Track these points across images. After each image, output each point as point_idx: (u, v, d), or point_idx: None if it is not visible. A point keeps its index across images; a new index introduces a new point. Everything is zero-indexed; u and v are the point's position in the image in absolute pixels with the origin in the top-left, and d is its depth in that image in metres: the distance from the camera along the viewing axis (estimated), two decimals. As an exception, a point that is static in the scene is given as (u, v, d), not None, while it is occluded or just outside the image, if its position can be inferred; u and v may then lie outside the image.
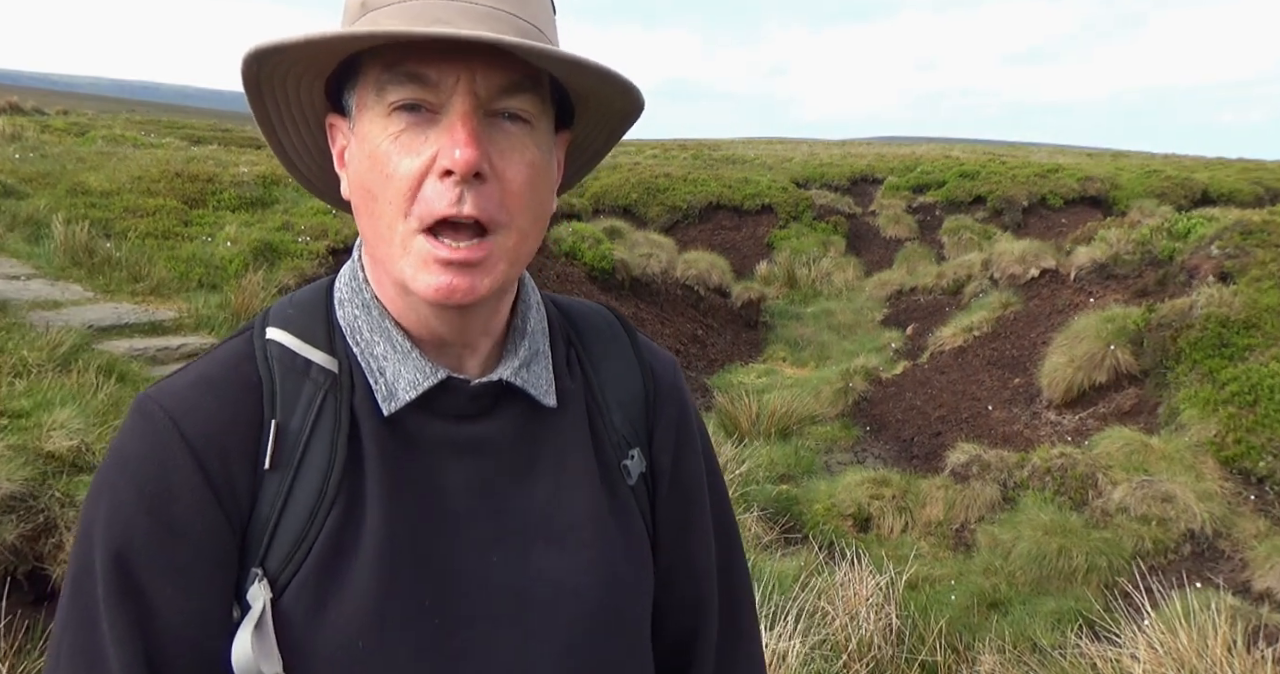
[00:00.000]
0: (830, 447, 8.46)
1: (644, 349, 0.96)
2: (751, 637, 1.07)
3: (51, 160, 10.67)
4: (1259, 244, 8.07)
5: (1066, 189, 17.84)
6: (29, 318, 5.61)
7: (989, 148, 32.33)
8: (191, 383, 0.76)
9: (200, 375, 0.77)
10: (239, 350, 0.79)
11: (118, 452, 0.74)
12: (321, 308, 0.82)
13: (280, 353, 0.78)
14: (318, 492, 0.74)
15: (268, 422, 0.75)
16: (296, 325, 0.80)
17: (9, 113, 18.23)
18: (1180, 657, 3.48)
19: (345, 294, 0.82)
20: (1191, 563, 5.55)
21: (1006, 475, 6.63)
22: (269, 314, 0.82)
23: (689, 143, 30.71)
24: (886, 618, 4.12)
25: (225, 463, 0.73)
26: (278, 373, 0.77)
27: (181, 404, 0.74)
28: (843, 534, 6.31)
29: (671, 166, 19.46)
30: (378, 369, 0.79)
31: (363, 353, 0.79)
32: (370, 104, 0.73)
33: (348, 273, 0.83)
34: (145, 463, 0.72)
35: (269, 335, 0.79)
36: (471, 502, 0.80)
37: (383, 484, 0.76)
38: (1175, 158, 30.12)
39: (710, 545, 0.99)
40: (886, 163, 21.00)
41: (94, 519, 0.72)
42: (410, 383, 0.78)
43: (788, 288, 14.65)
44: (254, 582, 0.73)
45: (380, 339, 0.79)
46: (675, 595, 0.95)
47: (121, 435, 0.75)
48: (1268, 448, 6.15)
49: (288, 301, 0.83)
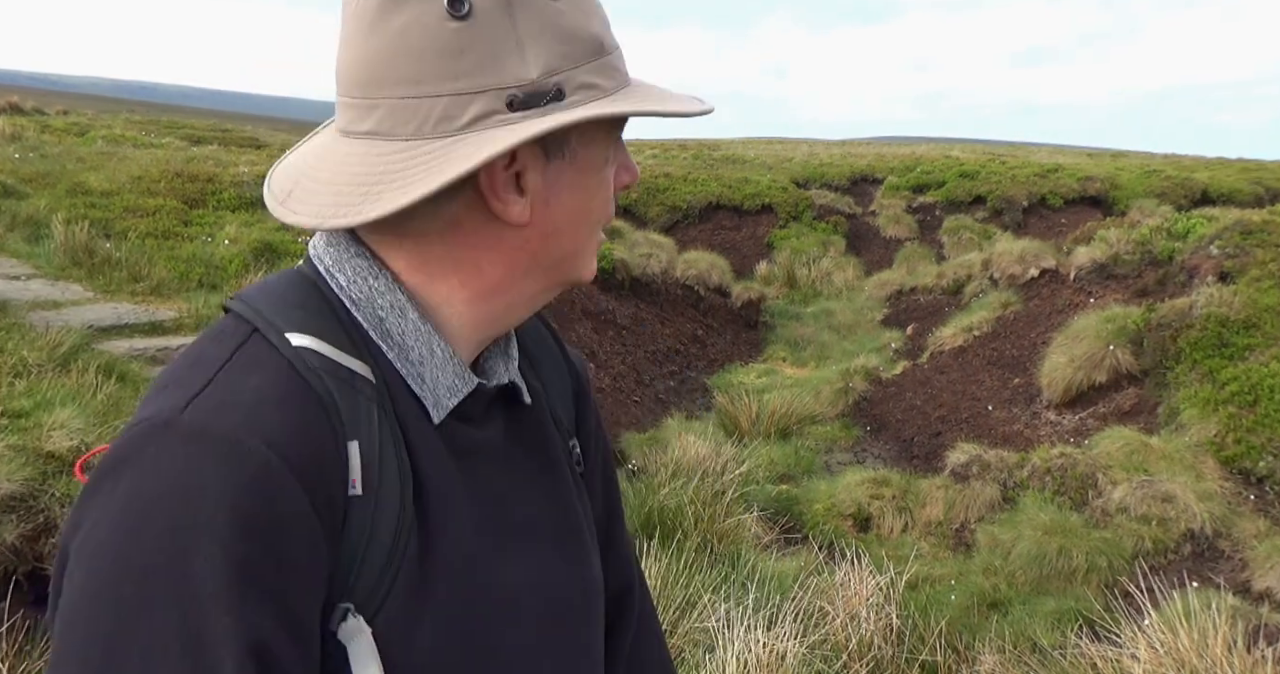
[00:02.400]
0: (830, 447, 8.46)
1: (565, 345, 1.02)
2: (655, 616, 1.13)
3: (51, 160, 10.67)
4: (1259, 244, 8.07)
5: (1066, 189, 17.84)
6: (29, 318, 5.61)
7: (989, 148, 32.33)
8: (255, 402, 0.66)
9: (259, 394, 0.67)
10: (274, 362, 0.70)
11: (194, 488, 0.61)
12: (326, 308, 0.75)
13: (322, 363, 0.70)
14: (397, 514, 0.71)
15: (344, 441, 0.69)
16: (318, 330, 0.72)
17: (9, 113, 18.22)
18: (1180, 657, 3.48)
19: (359, 294, 0.75)
20: (1191, 563, 5.55)
21: (1006, 475, 6.63)
22: (266, 315, 0.72)
23: (689, 143, 30.71)
24: (886, 618, 4.12)
25: (326, 489, 0.67)
26: (333, 387, 0.70)
27: (266, 427, 0.65)
28: (843, 534, 6.31)
29: (671, 166, 19.47)
30: (417, 375, 0.76)
31: (396, 357, 0.75)
32: (601, 139, 0.77)
33: (348, 270, 0.75)
34: (246, 495, 0.62)
35: (299, 342, 0.70)
36: (508, 506, 0.82)
37: (446, 497, 0.76)
38: (1175, 158, 30.12)
39: (627, 531, 1.06)
40: (886, 163, 21.00)
41: (180, 576, 0.60)
42: (450, 388, 0.77)
43: (788, 288, 14.65)
44: (344, 618, 0.68)
45: (417, 343, 0.76)
46: (609, 584, 0.97)
47: (185, 468, 0.62)
48: (1268, 448, 6.15)
49: (278, 301, 0.74)
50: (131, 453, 0.64)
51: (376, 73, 0.69)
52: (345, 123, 0.72)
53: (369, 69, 0.69)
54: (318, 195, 0.71)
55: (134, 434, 0.65)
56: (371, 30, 0.68)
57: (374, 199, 0.68)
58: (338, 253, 0.77)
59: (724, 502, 5.60)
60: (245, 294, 0.77)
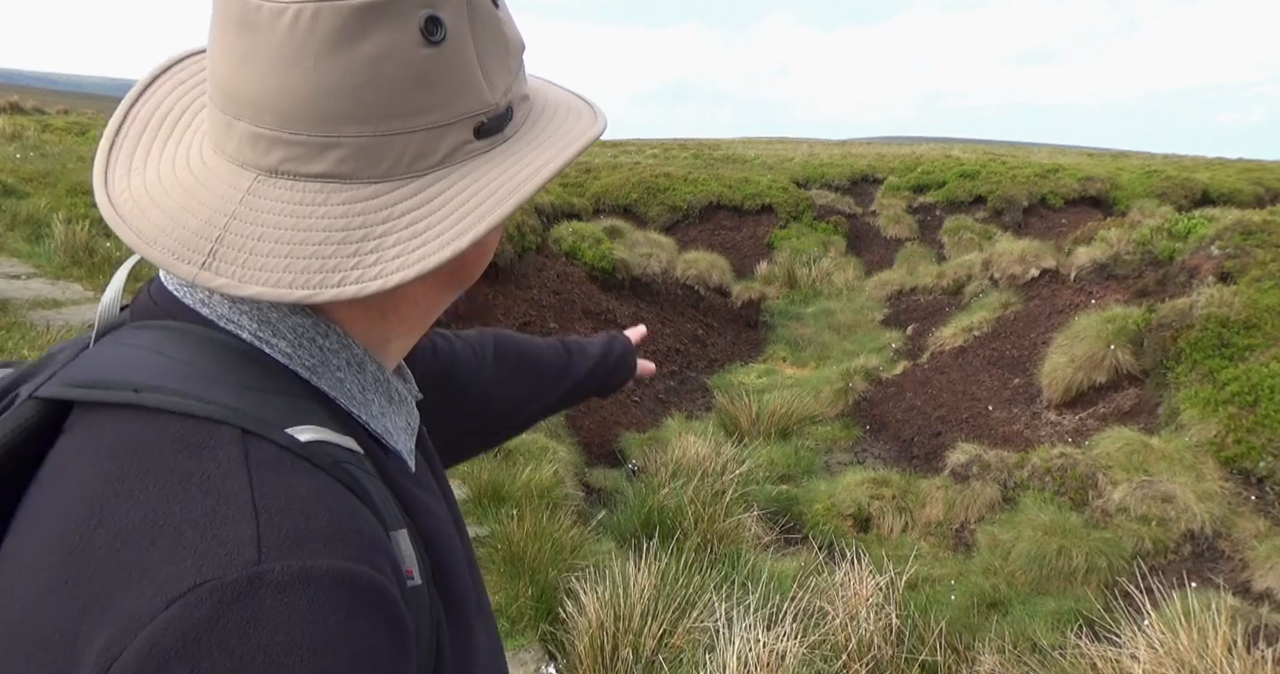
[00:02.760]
0: (830, 447, 8.46)
1: None
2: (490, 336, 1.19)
3: (52, 159, 10.68)
4: (1259, 244, 8.07)
5: (1067, 189, 17.83)
6: (29, 317, 5.61)
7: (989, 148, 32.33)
8: (333, 523, 0.54)
9: (328, 513, 0.54)
10: (303, 468, 0.56)
11: (332, 647, 0.50)
12: (289, 384, 0.62)
13: (341, 455, 0.59)
14: (429, 592, 0.63)
15: (389, 534, 0.60)
16: (309, 415, 0.60)
17: (9, 112, 18.23)
18: (1180, 657, 3.48)
19: (312, 359, 0.64)
20: (1191, 563, 5.55)
21: (1006, 475, 6.63)
22: (246, 411, 0.57)
23: (689, 143, 30.71)
24: (886, 618, 4.12)
25: (411, 608, 0.59)
26: (360, 478, 0.60)
27: (360, 550, 0.54)
28: (842, 534, 6.31)
29: (671, 166, 19.47)
30: (385, 429, 0.69)
31: (367, 418, 0.67)
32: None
33: (288, 334, 0.63)
34: (382, 638, 0.53)
35: (308, 436, 0.58)
36: (464, 534, 0.80)
37: (449, 547, 0.70)
38: (1175, 158, 30.12)
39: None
40: (886, 163, 20.99)
41: None
42: (406, 429, 0.72)
43: (788, 288, 14.65)
44: None
45: (377, 396, 0.68)
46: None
47: (309, 624, 0.49)
48: (1268, 448, 6.15)
49: (237, 388, 0.59)
50: (206, 627, 0.47)
51: (335, 107, 0.58)
52: (276, 161, 0.60)
53: (323, 103, 0.58)
54: (271, 256, 0.58)
55: (192, 604, 0.48)
56: (326, 58, 0.57)
57: (370, 264, 0.58)
58: (262, 313, 0.63)
59: (724, 502, 5.60)
60: (151, 381, 0.57)
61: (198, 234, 0.59)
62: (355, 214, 0.59)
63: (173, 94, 0.70)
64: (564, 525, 4.59)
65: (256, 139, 0.60)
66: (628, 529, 5.30)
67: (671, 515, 5.34)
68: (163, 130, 0.67)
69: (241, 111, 0.59)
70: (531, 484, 5.13)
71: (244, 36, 0.58)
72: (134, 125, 0.68)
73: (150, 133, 0.67)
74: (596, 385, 1.28)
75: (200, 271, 0.58)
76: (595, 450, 7.66)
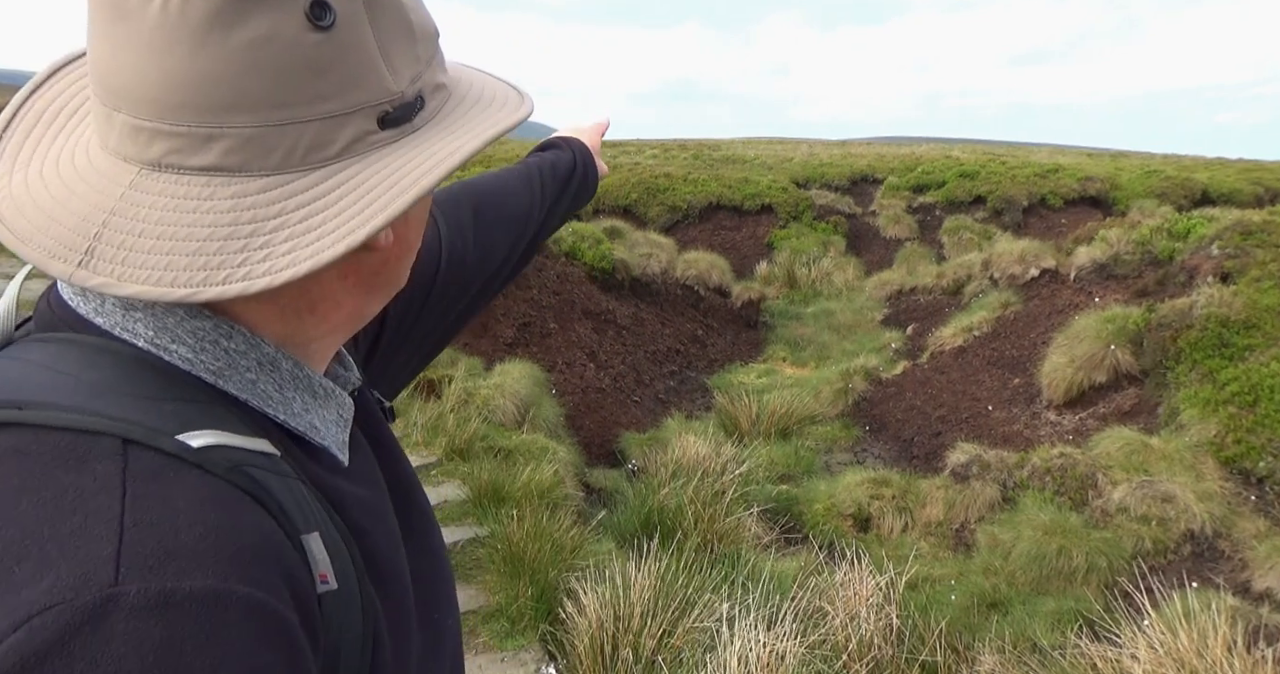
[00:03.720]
0: (830, 447, 8.46)
1: None
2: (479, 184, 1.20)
3: (51, 160, 10.66)
4: (1259, 244, 8.07)
5: (1066, 189, 17.84)
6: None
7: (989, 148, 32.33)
8: (206, 536, 0.51)
9: (203, 524, 0.52)
10: (188, 477, 0.54)
11: (197, 670, 0.47)
12: (188, 390, 0.60)
13: (240, 457, 0.57)
14: (359, 593, 0.62)
15: (297, 537, 0.58)
16: (208, 420, 0.58)
17: (9, 112, 18.22)
18: (1180, 657, 3.48)
19: (217, 363, 0.61)
20: (1191, 563, 5.55)
21: (1006, 475, 6.63)
22: (134, 420, 0.55)
23: (689, 143, 30.71)
24: (886, 618, 4.12)
25: (306, 605, 0.56)
26: (264, 481, 0.58)
27: (235, 564, 0.51)
28: (843, 534, 6.31)
29: (671, 166, 19.47)
30: (309, 425, 0.66)
31: (286, 417, 0.65)
32: None
33: (188, 338, 0.60)
34: (257, 660, 0.50)
35: (201, 442, 0.56)
36: (411, 513, 0.79)
37: (385, 545, 0.70)
38: (1175, 158, 30.11)
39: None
40: (886, 163, 20.99)
41: None
42: (338, 421, 0.70)
43: (788, 288, 14.65)
44: None
45: (298, 393, 0.66)
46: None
47: (158, 656, 0.46)
48: (1268, 448, 6.15)
49: (126, 399, 0.57)
50: (49, 656, 0.45)
51: (217, 96, 0.55)
52: (158, 154, 0.56)
53: (203, 91, 0.55)
54: (152, 253, 0.55)
55: (36, 631, 0.45)
56: (201, 44, 0.54)
57: (259, 260, 0.55)
58: (159, 319, 0.60)
59: (724, 502, 5.60)
60: (39, 396, 0.55)
61: (74, 231, 0.56)
62: (244, 208, 0.56)
63: (71, 88, 0.66)
64: (564, 525, 4.59)
65: (137, 131, 0.56)
66: (628, 529, 5.31)
67: (671, 515, 5.34)
68: (55, 125, 0.64)
69: (120, 103, 0.56)
70: (531, 484, 5.13)
71: (117, 23, 0.55)
72: (25, 119, 0.64)
73: (41, 127, 0.64)
74: (572, 199, 1.28)
75: (76, 270, 0.55)
76: (595, 450, 7.66)
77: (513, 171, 1.21)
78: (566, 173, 1.25)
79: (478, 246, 1.08)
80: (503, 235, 1.12)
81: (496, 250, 1.11)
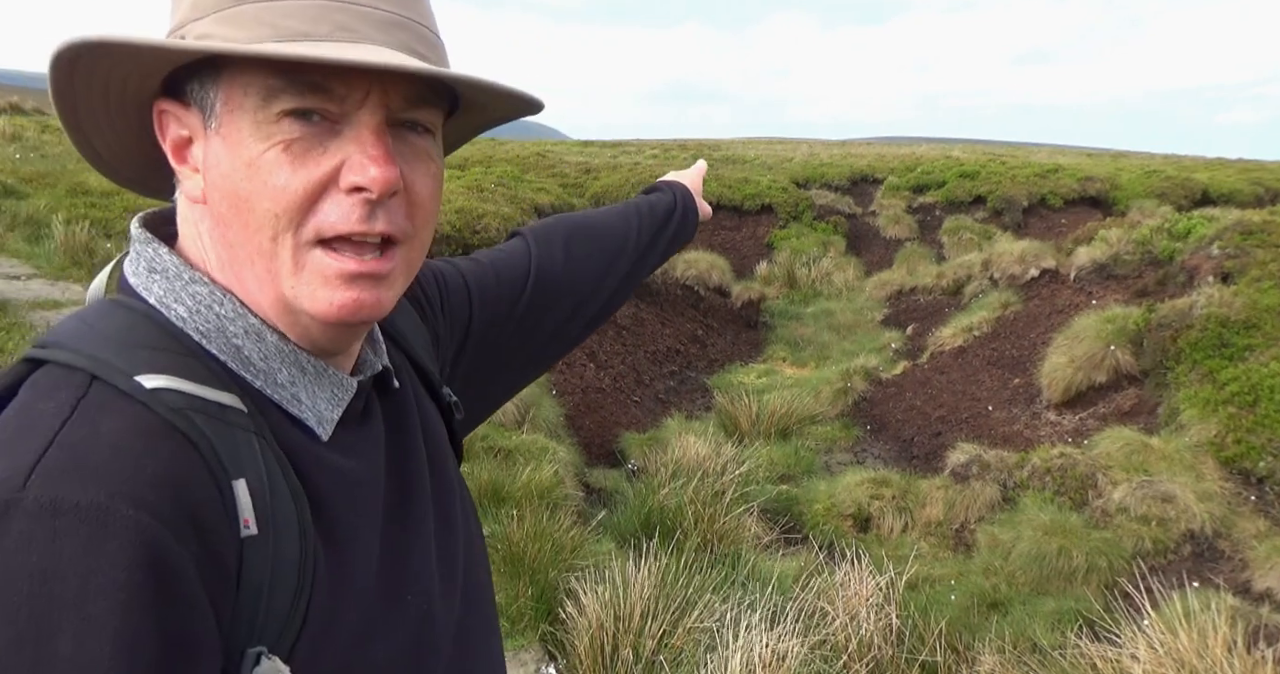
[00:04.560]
0: (830, 447, 8.46)
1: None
2: (550, 226, 1.25)
3: (51, 160, 10.68)
4: (1259, 244, 8.07)
5: (1066, 189, 17.83)
6: (29, 318, 5.62)
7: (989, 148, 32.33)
8: (112, 459, 0.58)
9: (116, 449, 0.58)
10: (128, 410, 0.61)
11: (54, 573, 0.53)
12: (174, 343, 0.67)
13: (186, 402, 0.63)
14: (299, 547, 0.66)
15: (226, 482, 0.63)
16: (172, 367, 0.65)
17: (9, 113, 18.21)
18: (1180, 657, 3.48)
19: (206, 325, 0.69)
20: (1191, 563, 5.55)
21: (1006, 475, 6.63)
22: (103, 359, 0.64)
23: (689, 143, 30.71)
24: (886, 618, 4.12)
25: (211, 540, 0.60)
26: (203, 425, 0.63)
27: (130, 486, 0.57)
28: (843, 534, 6.31)
29: (672, 167, 19.46)
30: (291, 396, 0.72)
31: (265, 384, 0.70)
32: (250, 107, 0.67)
33: (188, 300, 0.70)
34: (119, 569, 0.54)
35: (153, 383, 0.63)
36: (410, 496, 0.82)
37: (351, 513, 0.73)
38: (1175, 158, 30.12)
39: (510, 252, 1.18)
40: (886, 163, 20.99)
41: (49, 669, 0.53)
42: (331, 400, 0.74)
43: (788, 288, 14.65)
44: (257, 662, 0.63)
45: (283, 365, 0.71)
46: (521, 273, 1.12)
47: (42, 552, 0.53)
48: (1268, 448, 6.15)
49: (112, 342, 0.66)
50: None
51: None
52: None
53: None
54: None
55: None
56: None
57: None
58: (168, 282, 0.70)
59: (724, 502, 5.60)
60: (63, 340, 0.66)
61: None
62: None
63: None
64: (564, 525, 4.58)
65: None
66: (628, 529, 5.30)
67: (671, 515, 5.34)
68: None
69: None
70: (531, 484, 5.13)
71: None
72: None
73: None
74: (671, 237, 1.34)
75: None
76: (595, 450, 7.66)
77: (613, 209, 1.30)
78: (665, 213, 1.32)
79: (567, 270, 1.14)
80: (593, 263, 1.19)
81: (585, 275, 1.17)
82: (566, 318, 1.14)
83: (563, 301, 1.13)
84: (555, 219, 1.23)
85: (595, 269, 1.18)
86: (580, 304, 1.16)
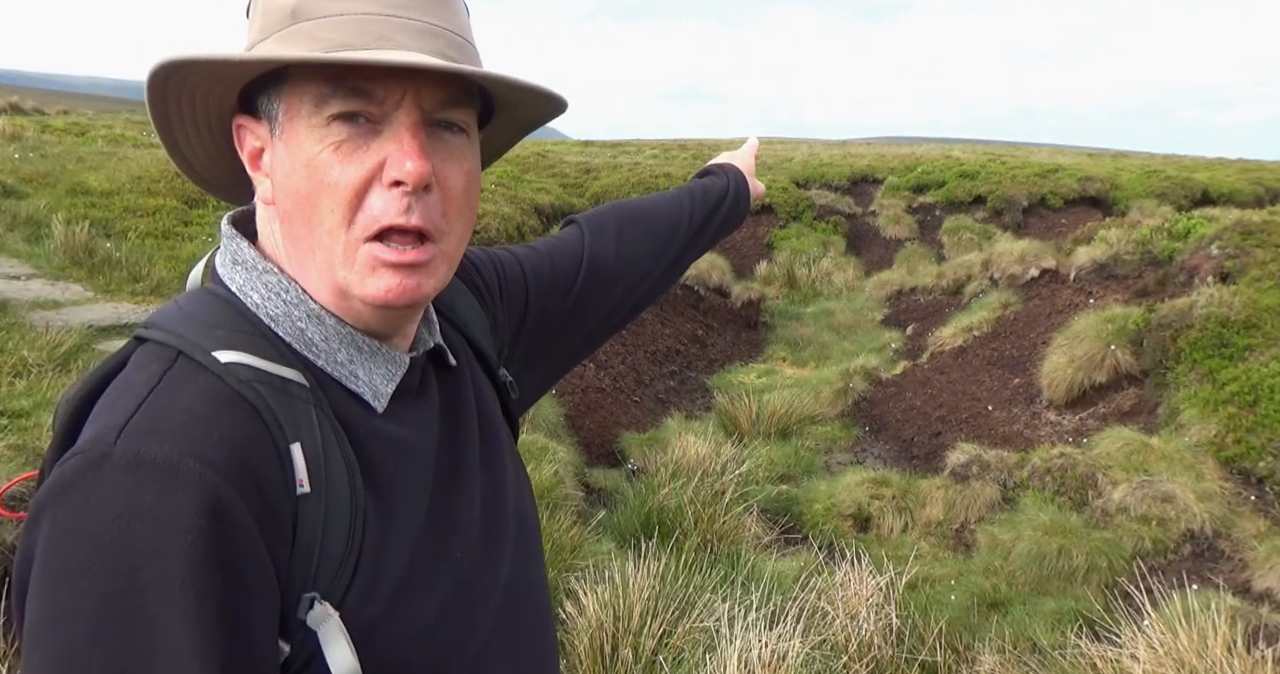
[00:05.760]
0: (830, 447, 8.45)
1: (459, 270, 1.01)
2: (610, 212, 1.32)
3: (51, 160, 10.68)
4: (1259, 244, 8.07)
5: (1066, 189, 17.82)
6: (29, 318, 5.61)
7: (989, 148, 32.32)
8: (187, 422, 0.68)
9: (190, 413, 0.69)
10: (203, 380, 0.72)
11: (137, 518, 0.63)
12: (248, 325, 0.79)
13: (253, 374, 0.74)
14: (349, 507, 0.75)
15: (285, 446, 0.72)
16: (244, 345, 0.76)
17: (9, 113, 18.22)
18: (1180, 657, 3.48)
19: (276, 310, 0.80)
20: (1191, 563, 5.55)
21: (1006, 475, 6.63)
22: (189, 337, 0.75)
23: (689, 142, 30.70)
24: (886, 618, 4.12)
25: (270, 496, 0.70)
26: (267, 395, 0.73)
27: (200, 446, 0.67)
28: (843, 534, 6.31)
29: (671, 166, 19.46)
30: (349, 373, 0.81)
31: (326, 362, 0.80)
32: (305, 113, 0.76)
33: (261, 289, 0.81)
34: (190, 518, 0.64)
35: (227, 358, 0.74)
36: (460, 464, 0.89)
37: (402, 477, 0.81)
38: (1175, 158, 30.10)
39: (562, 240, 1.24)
40: (886, 163, 20.97)
41: (135, 605, 0.62)
42: (385, 375, 0.83)
43: (788, 288, 14.65)
44: (311, 606, 0.71)
45: (342, 346, 0.81)
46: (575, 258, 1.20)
47: (126, 499, 0.64)
48: (1268, 448, 6.15)
49: (198, 323, 0.77)
50: (68, 487, 0.65)
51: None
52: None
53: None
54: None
55: (67, 469, 0.66)
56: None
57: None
58: (247, 273, 0.82)
59: (724, 502, 5.60)
60: (160, 321, 0.78)
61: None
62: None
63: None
64: (564, 525, 4.58)
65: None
66: (627, 529, 5.30)
67: (671, 515, 5.34)
68: None
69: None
70: (532, 484, 5.12)
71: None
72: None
73: None
74: (724, 220, 1.40)
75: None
76: (595, 450, 7.66)
77: (666, 194, 1.36)
78: (719, 196, 1.38)
79: (618, 258, 1.22)
80: (644, 250, 1.25)
81: (636, 263, 1.24)
82: (616, 303, 1.22)
83: (614, 289, 1.21)
84: (610, 206, 1.31)
85: (646, 257, 1.25)
86: (630, 290, 1.23)
